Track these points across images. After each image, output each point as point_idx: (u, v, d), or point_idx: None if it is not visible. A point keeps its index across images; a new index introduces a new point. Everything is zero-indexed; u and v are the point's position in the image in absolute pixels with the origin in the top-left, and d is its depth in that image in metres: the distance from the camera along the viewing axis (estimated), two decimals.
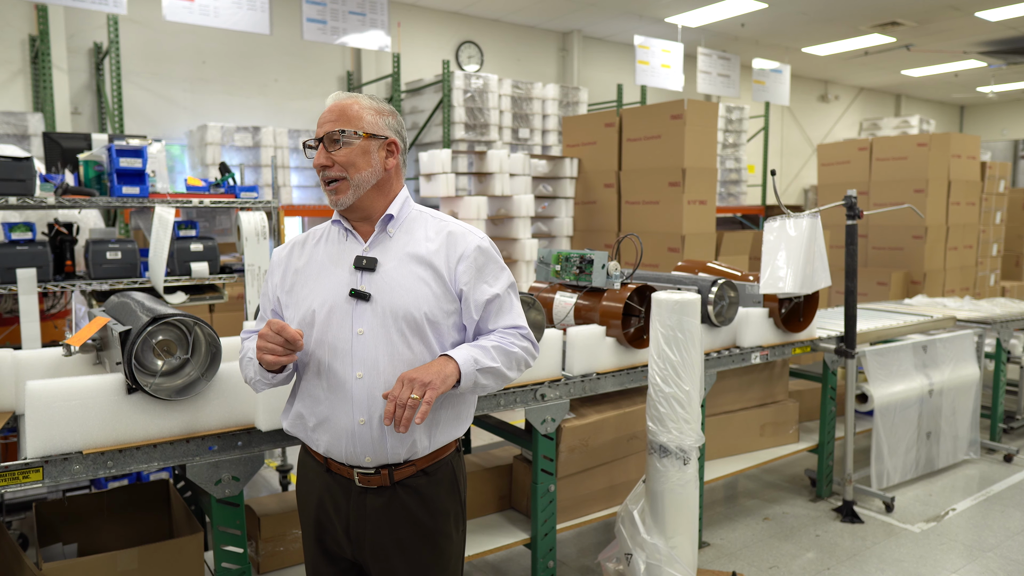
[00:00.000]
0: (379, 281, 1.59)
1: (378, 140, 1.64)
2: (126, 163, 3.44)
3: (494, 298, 1.65)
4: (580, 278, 3.06)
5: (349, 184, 1.61)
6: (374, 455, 1.58)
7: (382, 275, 1.60)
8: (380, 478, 1.60)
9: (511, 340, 1.66)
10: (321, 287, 1.62)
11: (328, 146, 1.61)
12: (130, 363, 1.83)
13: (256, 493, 3.89)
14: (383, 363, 1.56)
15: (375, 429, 1.57)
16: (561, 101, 9.15)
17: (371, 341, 1.57)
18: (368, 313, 1.57)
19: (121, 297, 2.27)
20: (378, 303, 1.58)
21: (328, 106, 1.65)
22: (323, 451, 1.62)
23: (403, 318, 1.57)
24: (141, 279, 3.49)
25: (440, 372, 1.50)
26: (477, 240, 1.66)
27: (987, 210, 8.34)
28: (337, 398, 1.58)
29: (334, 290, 1.61)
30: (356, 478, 1.61)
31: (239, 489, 2.01)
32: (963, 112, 17.80)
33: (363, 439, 1.57)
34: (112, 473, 1.85)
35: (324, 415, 1.60)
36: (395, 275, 1.60)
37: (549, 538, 2.72)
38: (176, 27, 7.05)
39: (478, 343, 1.63)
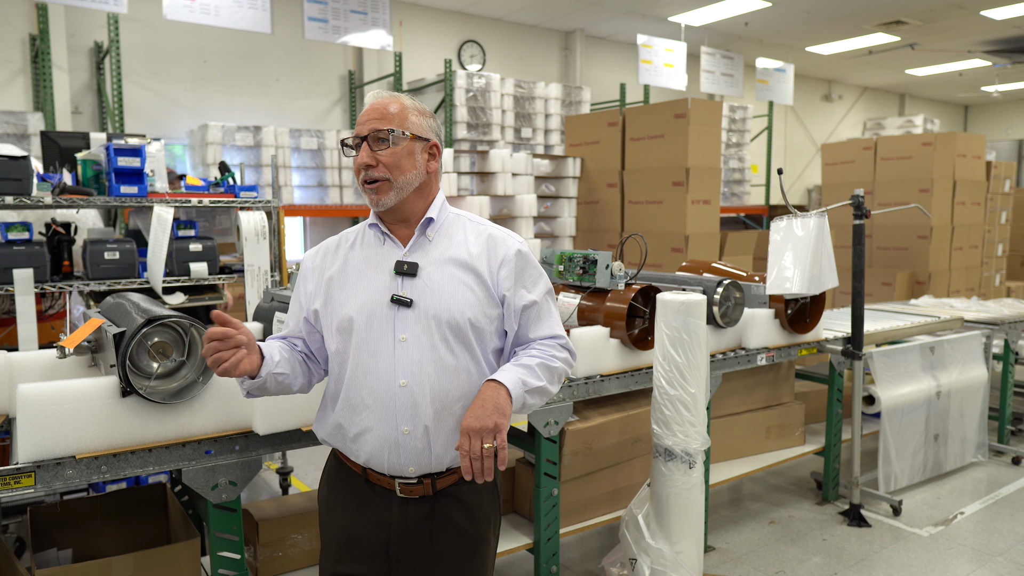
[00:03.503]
0: (421, 286, 1.56)
1: (422, 142, 1.61)
2: (124, 162, 3.41)
3: (531, 304, 1.63)
4: (583, 279, 3.02)
5: (392, 186, 1.56)
6: (418, 465, 1.55)
7: (424, 280, 1.57)
8: (423, 488, 1.57)
9: (552, 354, 1.63)
10: (360, 293, 1.58)
11: (373, 145, 1.56)
12: (124, 366, 1.80)
13: (256, 496, 3.85)
14: (428, 370, 1.53)
15: (419, 439, 1.53)
16: (564, 100, 9.11)
17: (414, 348, 1.53)
18: (411, 319, 1.54)
19: (117, 298, 2.23)
20: (421, 309, 1.55)
21: (371, 104, 1.60)
22: (363, 461, 1.58)
23: (447, 323, 1.54)
24: (139, 279, 3.45)
25: (497, 406, 1.47)
26: (517, 244, 1.64)
27: (992, 210, 8.28)
28: (380, 407, 1.53)
29: (374, 296, 1.57)
30: (397, 488, 1.57)
31: (236, 494, 1.97)
32: (967, 111, 17.72)
33: (408, 449, 1.54)
34: (106, 478, 1.81)
35: (366, 425, 1.55)
36: (437, 280, 1.57)
37: (552, 543, 2.68)
38: (177, 26, 7.01)
39: (522, 361, 1.58)
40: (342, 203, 7.72)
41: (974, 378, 4.23)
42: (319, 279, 1.65)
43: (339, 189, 7.69)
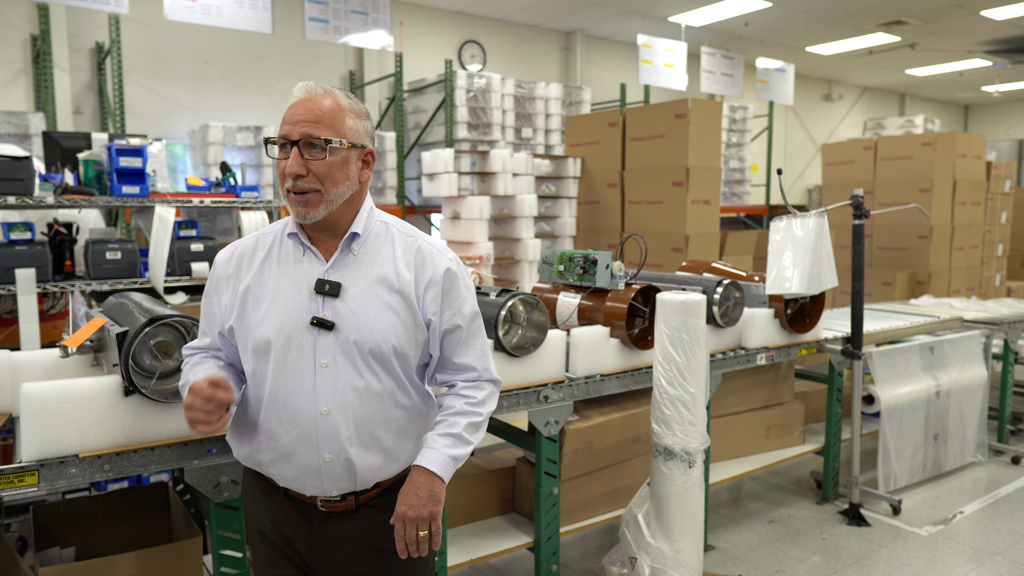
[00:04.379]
0: (344, 308, 1.44)
1: (358, 149, 1.46)
2: (126, 162, 3.42)
3: (455, 329, 1.54)
4: (584, 278, 3.03)
5: (323, 199, 1.42)
6: (341, 488, 1.49)
7: (347, 301, 1.44)
8: (346, 503, 1.51)
9: (476, 403, 1.55)
10: (276, 312, 1.45)
11: (304, 151, 1.40)
12: (127, 365, 1.81)
13: None
14: (350, 398, 1.44)
15: (341, 465, 1.46)
16: (564, 101, 9.12)
17: (337, 374, 1.43)
18: (332, 343, 1.43)
19: (119, 298, 2.24)
20: (343, 333, 1.43)
21: (302, 99, 1.42)
22: (283, 484, 1.51)
23: (370, 351, 1.44)
24: (141, 279, 3.46)
25: (432, 494, 1.44)
26: (447, 262, 1.52)
27: (992, 210, 8.29)
28: (300, 434, 1.44)
29: (293, 316, 1.44)
30: (319, 504, 1.51)
31: (238, 493, 1.98)
32: (968, 111, 17.73)
33: (330, 475, 1.46)
34: (109, 477, 1.82)
35: (285, 450, 1.46)
36: (361, 302, 1.45)
37: (552, 541, 2.68)
38: (178, 26, 7.02)
39: (449, 429, 1.50)
40: None
41: (974, 378, 4.23)
42: (234, 291, 1.50)
43: None
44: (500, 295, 2.56)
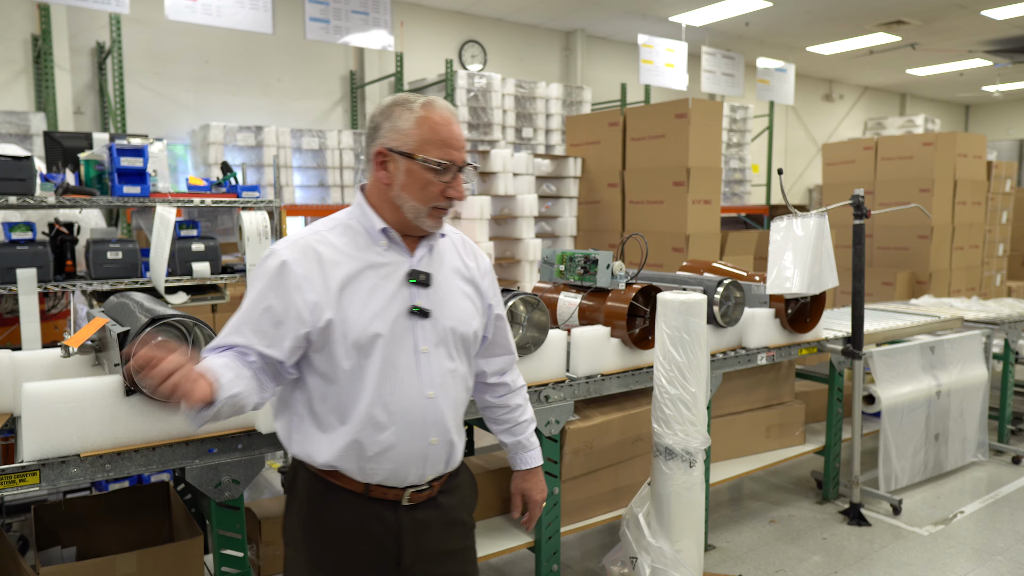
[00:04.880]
0: (434, 297, 1.54)
1: None
2: (127, 162, 3.42)
3: (501, 316, 1.75)
4: (584, 278, 3.03)
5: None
6: (436, 472, 1.58)
7: (436, 291, 1.55)
8: (430, 490, 1.58)
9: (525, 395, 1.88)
10: (376, 304, 1.48)
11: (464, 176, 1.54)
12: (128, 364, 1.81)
13: (258, 495, 3.87)
14: (448, 382, 1.55)
15: (444, 448, 1.56)
16: (565, 100, 9.12)
17: (434, 360, 1.52)
18: (429, 330, 1.52)
19: (120, 298, 2.25)
20: (438, 320, 1.54)
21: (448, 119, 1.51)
22: (379, 479, 1.51)
23: (459, 336, 1.57)
24: (142, 279, 3.46)
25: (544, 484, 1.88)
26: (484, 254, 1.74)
27: (993, 210, 8.28)
28: (407, 422, 1.49)
29: (393, 307, 1.49)
30: (406, 497, 1.54)
31: (239, 492, 1.98)
32: (968, 111, 17.72)
33: (433, 459, 1.55)
34: (110, 476, 1.83)
35: (388, 443, 1.48)
36: (447, 291, 1.57)
37: (553, 541, 2.69)
38: (178, 26, 7.02)
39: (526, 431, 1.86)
40: (343, 203, 7.73)
41: (974, 378, 4.23)
42: (323, 288, 1.46)
43: (340, 189, 7.71)
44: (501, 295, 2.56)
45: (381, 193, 1.55)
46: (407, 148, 1.49)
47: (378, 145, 1.53)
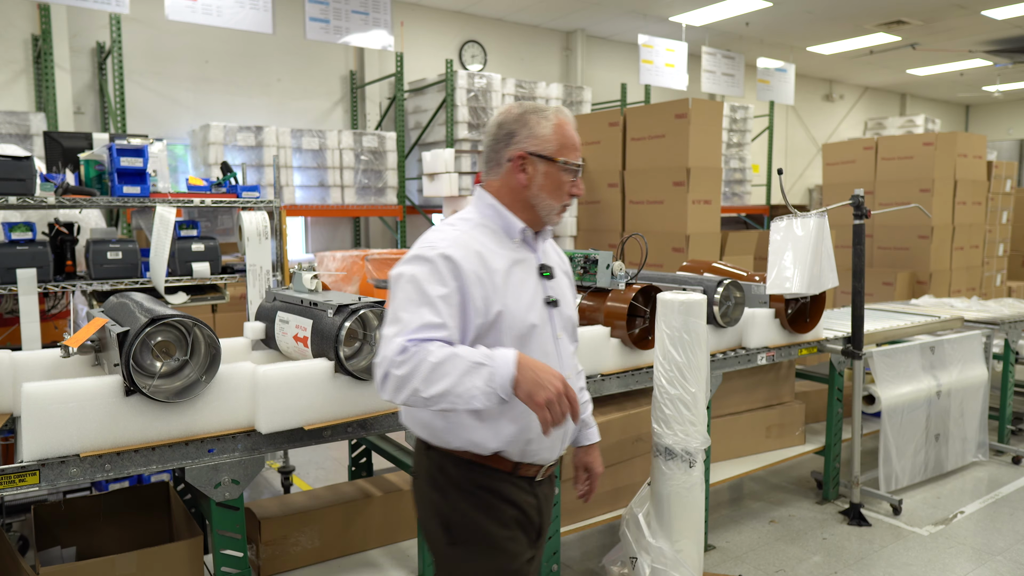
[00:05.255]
0: (556, 288, 1.71)
1: None
2: (127, 162, 3.42)
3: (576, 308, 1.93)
4: (584, 278, 3.03)
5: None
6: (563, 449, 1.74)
7: (555, 282, 1.72)
8: (553, 467, 1.75)
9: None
10: (526, 296, 1.62)
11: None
12: (128, 365, 1.81)
13: (258, 495, 3.87)
14: (572, 363, 1.75)
15: (573, 425, 1.74)
16: (565, 100, 9.12)
17: (563, 344, 1.71)
18: (557, 318, 1.69)
19: (120, 298, 2.25)
20: (563, 310, 1.71)
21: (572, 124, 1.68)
22: (533, 459, 1.63)
23: (573, 322, 1.78)
24: (142, 279, 3.47)
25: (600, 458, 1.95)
26: None
27: (993, 210, 8.28)
28: None
29: (537, 298, 1.65)
30: (541, 473, 1.68)
31: (239, 492, 1.98)
32: (968, 111, 17.71)
33: (568, 436, 1.75)
34: (110, 476, 1.83)
35: None
36: (559, 283, 1.74)
37: (553, 541, 2.68)
38: (178, 26, 7.03)
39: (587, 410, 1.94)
40: (343, 203, 7.73)
41: (974, 378, 4.23)
42: (489, 283, 1.55)
43: (340, 189, 7.71)
44: None
45: (516, 194, 1.66)
46: (547, 152, 1.63)
47: (517, 149, 1.63)
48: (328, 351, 2.13)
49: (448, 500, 1.60)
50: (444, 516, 1.61)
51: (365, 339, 2.22)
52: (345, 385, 2.13)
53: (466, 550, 1.59)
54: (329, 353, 2.13)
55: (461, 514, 1.60)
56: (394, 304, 1.51)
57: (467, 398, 1.39)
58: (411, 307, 1.48)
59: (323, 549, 2.45)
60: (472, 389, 1.38)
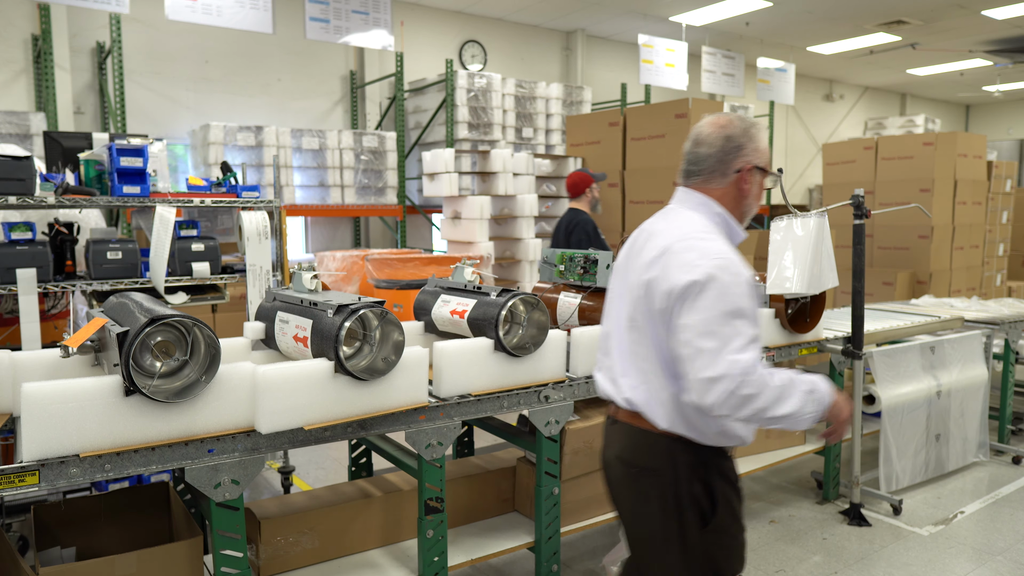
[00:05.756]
0: None
1: None
2: (127, 162, 3.42)
3: None
4: (584, 278, 3.03)
5: None
6: None
7: None
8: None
9: None
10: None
11: None
12: (128, 365, 1.81)
13: (258, 495, 3.87)
14: None
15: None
16: (565, 100, 9.12)
17: None
18: None
19: (120, 298, 2.24)
20: None
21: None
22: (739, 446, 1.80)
23: None
24: (142, 279, 3.46)
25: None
26: None
27: (993, 210, 8.27)
28: None
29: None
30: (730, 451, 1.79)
31: (239, 492, 1.98)
32: (968, 111, 17.71)
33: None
34: (110, 477, 1.82)
35: None
36: None
37: (553, 541, 2.69)
38: (179, 26, 7.03)
39: None
40: (343, 203, 7.73)
41: (974, 377, 4.23)
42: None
43: (340, 189, 7.71)
44: (500, 295, 2.56)
45: (736, 203, 1.77)
46: (764, 164, 1.77)
47: (746, 162, 1.75)
48: (328, 351, 2.13)
49: (709, 488, 1.69)
50: (701, 505, 1.68)
51: (365, 339, 2.22)
52: (345, 385, 2.13)
53: (722, 530, 1.71)
54: (329, 353, 2.13)
55: (724, 499, 1.70)
56: (708, 317, 1.55)
57: (803, 420, 1.59)
58: (733, 323, 1.56)
59: (323, 549, 2.45)
60: (808, 412, 1.58)
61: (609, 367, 1.81)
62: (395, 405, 2.23)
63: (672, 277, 1.60)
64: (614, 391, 1.78)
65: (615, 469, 1.78)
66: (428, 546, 2.34)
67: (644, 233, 1.80)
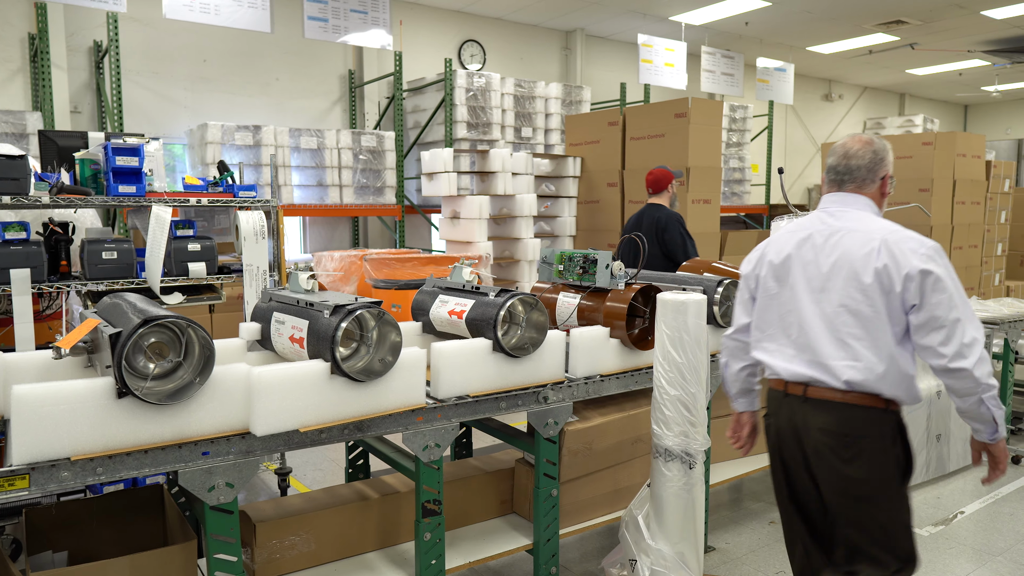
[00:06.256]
0: None
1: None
2: (122, 161, 3.39)
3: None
4: (583, 278, 3.01)
5: None
6: None
7: None
8: None
9: None
10: None
11: None
12: (120, 366, 1.78)
13: (254, 497, 3.84)
14: None
15: None
16: (564, 100, 9.09)
17: None
18: None
19: (113, 298, 2.22)
20: None
21: None
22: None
23: None
24: (138, 279, 3.44)
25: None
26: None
27: (992, 209, 8.26)
28: None
29: None
30: None
31: (233, 496, 1.96)
32: (967, 111, 17.70)
33: None
34: (102, 480, 1.80)
35: None
36: None
37: (551, 544, 2.66)
38: (176, 25, 7.00)
39: None
40: (342, 203, 7.70)
41: None
42: None
43: (339, 188, 7.68)
44: (499, 295, 2.54)
45: (879, 202, 2.16)
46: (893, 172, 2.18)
47: (886, 170, 2.15)
48: (324, 352, 2.11)
49: (906, 449, 2.05)
50: (902, 462, 2.03)
51: (362, 340, 2.19)
52: (341, 387, 2.11)
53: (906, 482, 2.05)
54: (325, 354, 2.10)
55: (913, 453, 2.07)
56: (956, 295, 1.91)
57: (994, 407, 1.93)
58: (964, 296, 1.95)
59: (319, 552, 2.43)
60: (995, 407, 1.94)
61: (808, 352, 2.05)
62: (392, 407, 2.21)
63: (909, 262, 1.92)
64: (820, 373, 2.02)
65: (816, 439, 2.03)
66: (425, 549, 2.32)
67: (819, 232, 2.10)
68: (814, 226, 2.12)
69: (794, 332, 2.08)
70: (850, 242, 2.01)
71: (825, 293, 2.02)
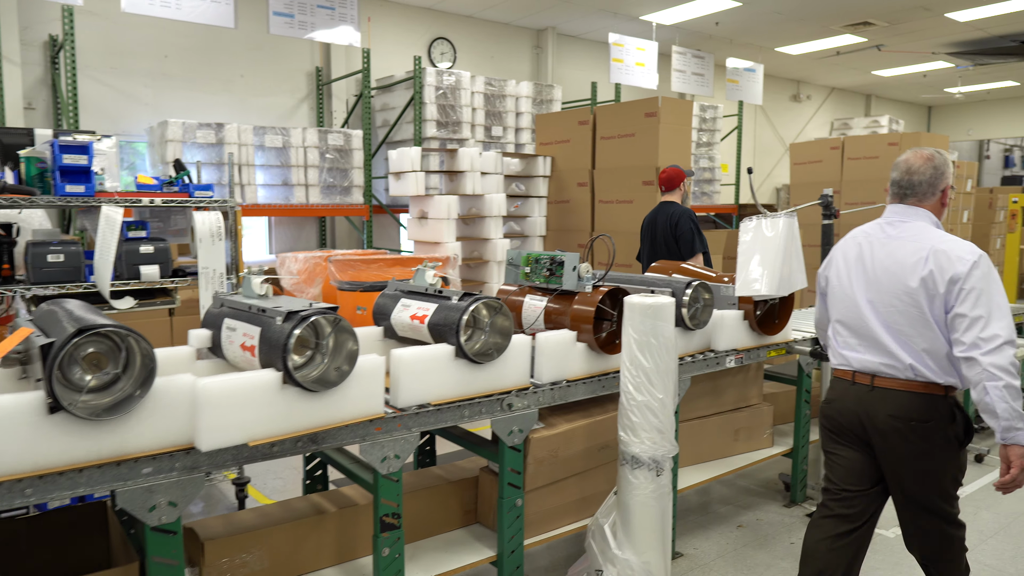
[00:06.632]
0: None
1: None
2: (70, 160, 3.26)
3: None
4: (550, 280, 2.95)
5: None
6: None
7: None
8: None
9: None
10: None
11: None
12: (51, 379, 1.67)
13: (212, 509, 3.71)
14: None
15: None
16: (535, 99, 9.04)
17: None
18: None
19: (50, 305, 2.10)
20: None
21: None
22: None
23: None
24: (86, 283, 3.30)
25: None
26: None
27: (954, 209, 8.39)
28: None
29: None
30: None
31: (176, 515, 1.85)
32: (931, 112, 18.05)
33: None
34: (30, 502, 1.68)
35: None
36: None
37: (516, 555, 2.59)
38: (136, 19, 6.78)
39: None
40: (308, 202, 7.55)
41: None
42: None
43: (305, 188, 7.52)
44: (462, 299, 2.46)
45: (939, 213, 2.37)
46: (951, 183, 2.37)
47: (946, 183, 2.35)
48: (276, 361, 2.01)
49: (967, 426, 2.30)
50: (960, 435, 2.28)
51: (317, 348, 2.10)
52: (294, 397, 2.01)
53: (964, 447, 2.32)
54: (277, 363, 2.01)
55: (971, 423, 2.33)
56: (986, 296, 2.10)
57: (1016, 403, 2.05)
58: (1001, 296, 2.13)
59: (273, 570, 2.33)
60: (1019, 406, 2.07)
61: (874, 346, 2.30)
62: (349, 417, 2.12)
63: (953, 268, 2.14)
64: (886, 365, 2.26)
65: (885, 424, 2.26)
66: (384, 565, 2.23)
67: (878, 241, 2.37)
68: (875, 234, 2.40)
69: (859, 328, 2.34)
70: (903, 252, 2.26)
71: (880, 295, 2.28)
